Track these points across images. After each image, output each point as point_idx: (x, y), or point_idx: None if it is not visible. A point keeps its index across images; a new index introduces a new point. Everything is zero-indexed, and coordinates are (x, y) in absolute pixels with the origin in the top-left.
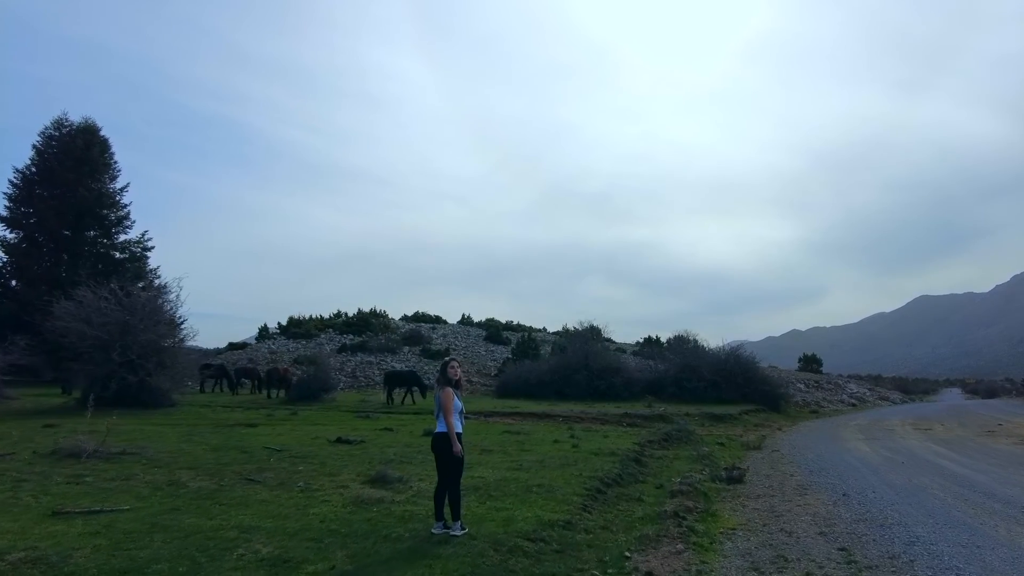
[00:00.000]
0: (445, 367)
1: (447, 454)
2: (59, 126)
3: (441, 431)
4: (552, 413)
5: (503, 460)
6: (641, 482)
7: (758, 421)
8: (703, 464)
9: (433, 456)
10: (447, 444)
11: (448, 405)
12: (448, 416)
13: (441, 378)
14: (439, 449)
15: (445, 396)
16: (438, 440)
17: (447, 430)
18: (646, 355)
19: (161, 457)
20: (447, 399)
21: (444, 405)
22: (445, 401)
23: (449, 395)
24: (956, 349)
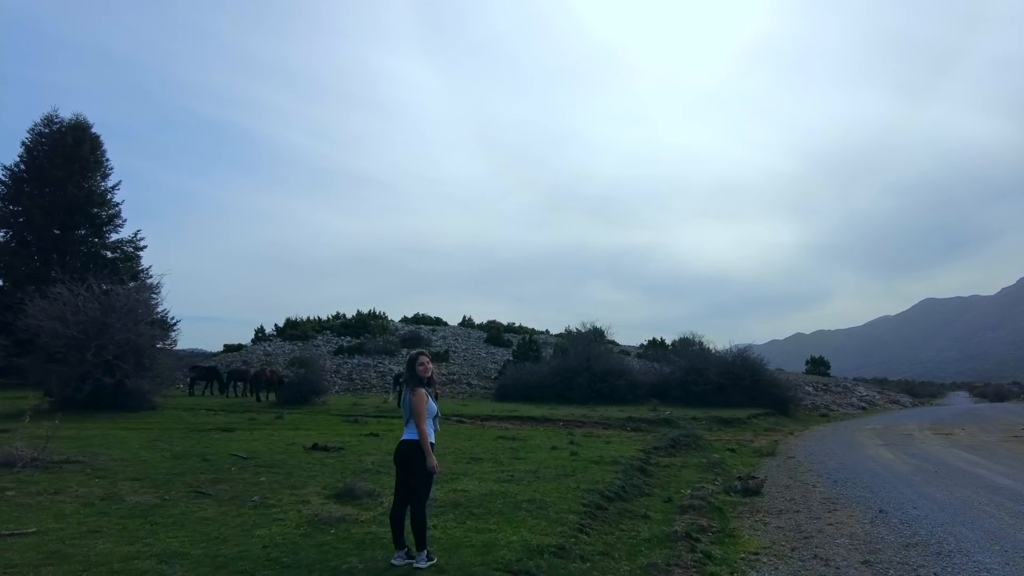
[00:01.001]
0: (414, 363)
1: (414, 467)
2: (49, 123)
3: (410, 439)
4: (552, 417)
5: (493, 470)
6: (647, 495)
7: (768, 425)
8: (714, 473)
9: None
10: (416, 455)
11: (420, 409)
12: (420, 422)
13: (409, 376)
14: (405, 460)
15: (417, 399)
16: (404, 450)
17: (418, 438)
18: (650, 357)
19: (109, 466)
20: (419, 402)
21: (415, 409)
22: (416, 404)
23: (421, 397)
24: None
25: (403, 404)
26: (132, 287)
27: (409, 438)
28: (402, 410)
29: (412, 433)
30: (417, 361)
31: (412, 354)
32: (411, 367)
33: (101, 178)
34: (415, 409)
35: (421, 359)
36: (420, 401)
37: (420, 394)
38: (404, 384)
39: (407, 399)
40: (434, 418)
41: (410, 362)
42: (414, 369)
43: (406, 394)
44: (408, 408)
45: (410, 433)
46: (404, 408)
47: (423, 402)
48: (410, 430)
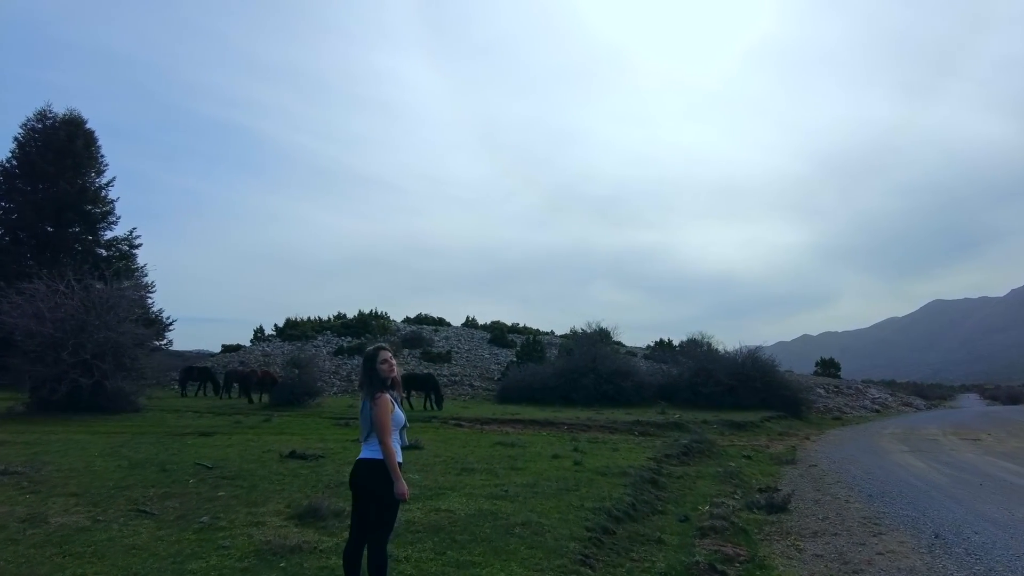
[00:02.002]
0: (373, 361)
1: (376, 493)
2: (42, 118)
3: (370, 458)
4: (556, 421)
5: (485, 483)
6: (660, 512)
7: (782, 429)
8: (732, 485)
9: (352, 495)
10: (378, 478)
11: (385, 420)
12: (385, 436)
13: (369, 379)
14: (363, 485)
15: (380, 407)
16: (363, 472)
17: (384, 456)
18: (657, 359)
19: (51, 478)
20: (383, 411)
21: (379, 420)
22: (380, 415)
23: (385, 405)
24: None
25: (361, 415)
26: (112, 284)
27: (369, 457)
28: (360, 422)
29: (373, 450)
30: (378, 359)
31: (370, 350)
32: (370, 366)
33: (95, 175)
34: (378, 421)
35: (383, 355)
36: (384, 410)
37: (384, 401)
38: (361, 389)
39: (366, 409)
40: (401, 430)
41: (368, 360)
42: (374, 368)
43: (364, 403)
44: (368, 420)
45: (370, 451)
46: (363, 420)
47: (388, 411)
48: (370, 447)
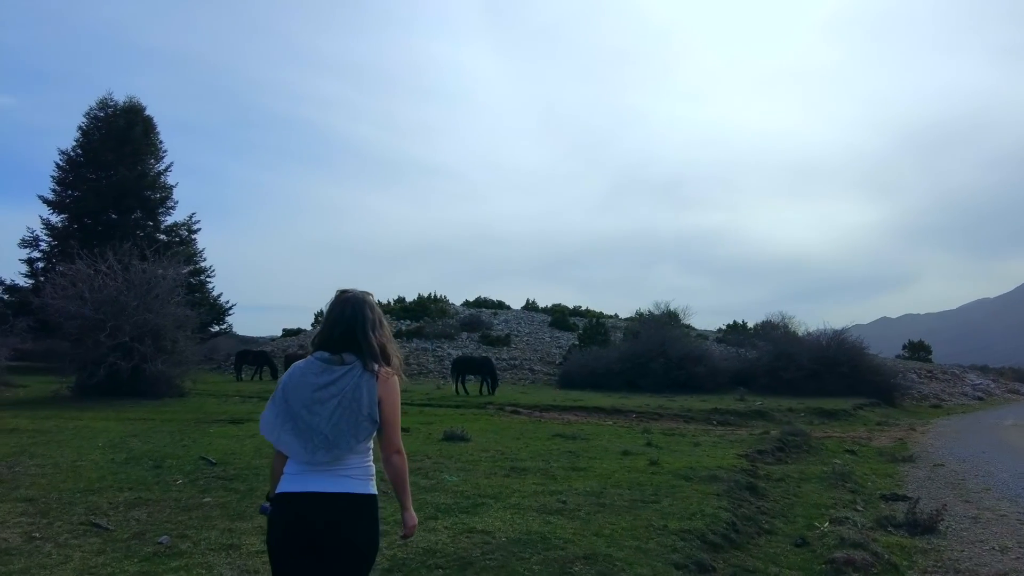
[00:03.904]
0: (365, 308)
1: (357, 549)
2: (104, 106)
3: (352, 492)
4: (622, 408)
5: (538, 490)
6: (766, 531)
7: (878, 418)
8: (847, 490)
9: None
10: (365, 524)
11: (398, 412)
12: (399, 440)
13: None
14: (334, 539)
15: (396, 389)
16: (336, 514)
17: (394, 481)
18: (731, 342)
19: (19, 477)
20: (397, 396)
21: (394, 413)
22: (396, 400)
23: (392, 383)
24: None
25: (343, 406)
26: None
27: (349, 491)
28: (313, 418)
29: (356, 475)
30: (365, 303)
31: (358, 292)
32: (362, 317)
33: (154, 161)
34: (394, 414)
35: (371, 300)
36: (398, 396)
37: (397, 382)
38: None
39: (353, 388)
40: (372, 426)
41: (358, 305)
42: (374, 321)
43: (351, 380)
44: (358, 414)
45: (349, 475)
46: (332, 413)
47: (396, 392)
48: (352, 468)
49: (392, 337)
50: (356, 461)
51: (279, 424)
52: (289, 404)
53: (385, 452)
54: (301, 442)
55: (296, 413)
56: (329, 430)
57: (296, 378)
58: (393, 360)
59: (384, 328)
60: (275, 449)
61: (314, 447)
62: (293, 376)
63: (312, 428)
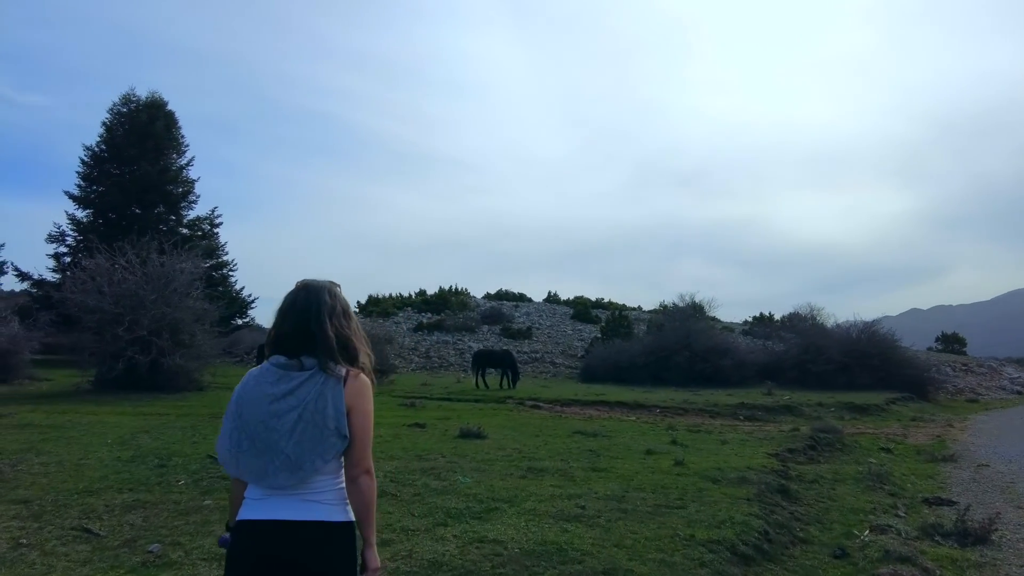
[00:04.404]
0: (324, 297)
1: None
2: (127, 102)
3: (321, 520)
4: (646, 403)
5: (556, 493)
6: (801, 540)
7: (913, 414)
8: (886, 492)
9: None
10: (340, 558)
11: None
12: (369, 457)
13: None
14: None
15: (368, 393)
16: (302, 546)
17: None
18: (757, 335)
19: (21, 475)
20: (362, 398)
21: (366, 423)
22: (369, 408)
23: (362, 388)
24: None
25: (305, 420)
26: (171, 256)
27: (318, 519)
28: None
29: (325, 502)
30: (328, 293)
31: (322, 281)
32: (311, 306)
33: (176, 155)
34: (366, 425)
35: (335, 290)
36: (370, 402)
37: (370, 385)
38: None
39: (325, 399)
40: (337, 440)
41: (317, 294)
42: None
43: (313, 388)
44: (328, 427)
45: (316, 502)
46: (307, 429)
47: (367, 396)
48: (319, 493)
49: (362, 332)
50: (327, 483)
51: (234, 445)
52: (244, 420)
53: (351, 472)
54: (260, 464)
55: (252, 430)
56: (290, 449)
57: (250, 388)
58: (362, 359)
59: (351, 321)
60: None
61: (275, 469)
62: (247, 386)
63: (271, 447)
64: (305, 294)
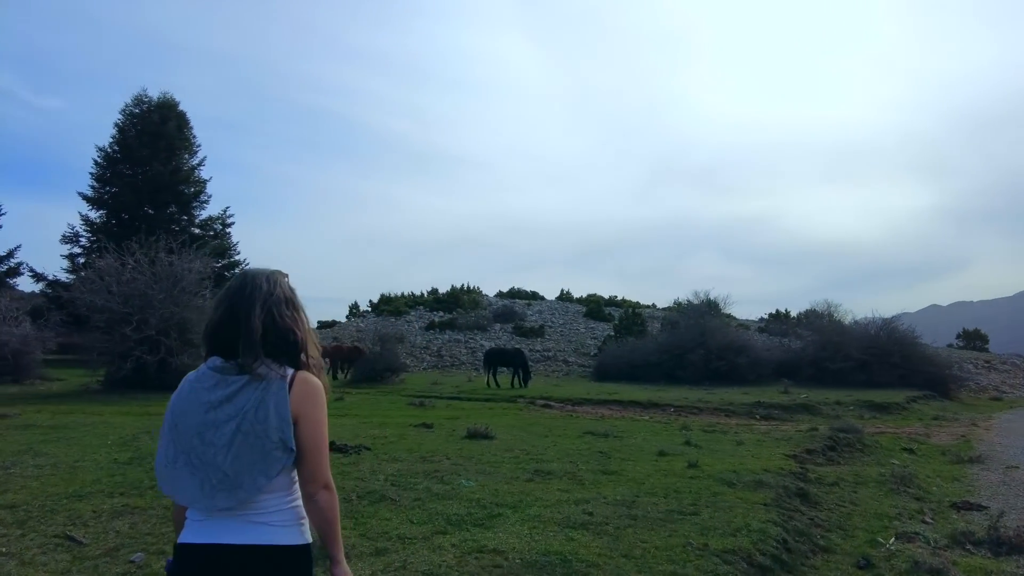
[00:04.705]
0: (255, 278)
1: None
2: (139, 102)
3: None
4: (659, 402)
5: (563, 498)
6: (822, 549)
7: (934, 412)
8: (910, 496)
9: None
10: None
11: (324, 431)
12: (327, 469)
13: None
14: None
15: (319, 396)
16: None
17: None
18: (773, 332)
19: (20, 479)
20: (322, 409)
21: (319, 432)
22: (322, 416)
23: (324, 395)
24: None
25: (244, 431)
26: (180, 256)
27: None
28: (213, 455)
29: (272, 524)
30: (276, 285)
31: (268, 272)
32: (243, 293)
33: (188, 155)
34: (318, 434)
35: (283, 280)
36: (324, 408)
37: (322, 388)
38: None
39: (267, 407)
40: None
41: (254, 285)
42: (252, 304)
43: (253, 394)
44: (271, 439)
45: (262, 525)
46: (246, 442)
47: (319, 401)
48: (267, 512)
49: (310, 327)
50: (277, 502)
51: (169, 461)
52: (179, 432)
53: (307, 488)
54: (196, 482)
55: (188, 444)
56: (228, 465)
57: (185, 396)
58: (311, 357)
59: (297, 313)
60: None
61: (211, 488)
62: (182, 393)
63: (207, 463)
64: (240, 280)
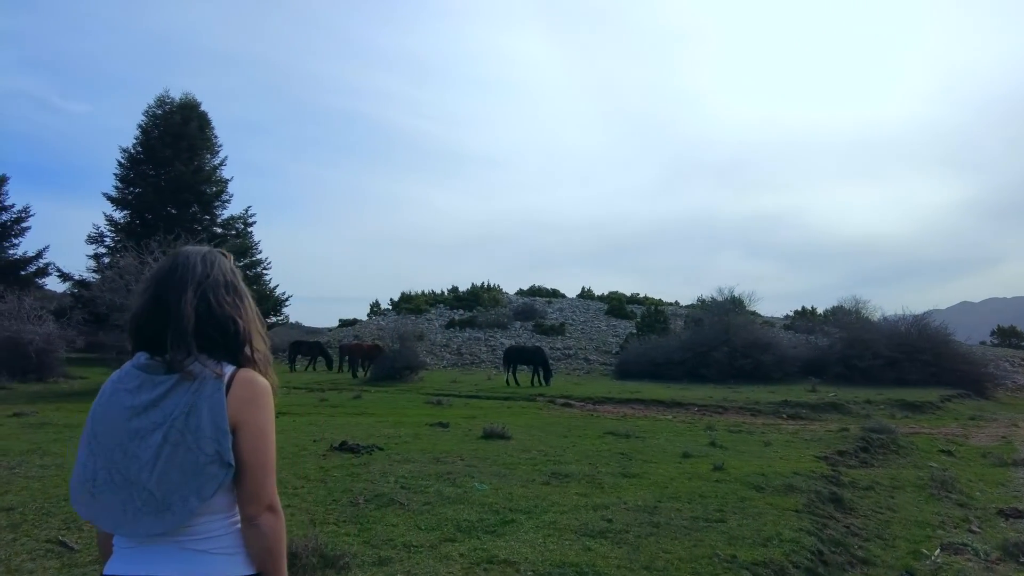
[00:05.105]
0: (190, 257)
1: None
2: (162, 104)
3: None
4: (683, 401)
5: (580, 503)
6: (862, 561)
7: (971, 412)
8: (955, 503)
9: None
10: None
11: (272, 445)
12: (272, 488)
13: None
14: None
15: (266, 400)
16: None
17: (267, 555)
18: (799, 329)
19: (23, 480)
20: (255, 409)
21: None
22: (268, 426)
23: (256, 395)
24: None
25: (173, 442)
26: None
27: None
28: (136, 471)
29: (212, 552)
30: (227, 268)
31: (208, 252)
32: (174, 273)
33: (210, 155)
34: (263, 446)
35: (212, 255)
36: (272, 416)
37: (269, 390)
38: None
39: (200, 414)
40: (220, 470)
41: (184, 257)
42: (184, 285)
43: (183, 398)
44: (205, 452)
45: (201, 553)
46: (175, 456)
47: (271, 420)
48: (205, 539)
49: (257, 316)
50: (217, 526)
51: (88, 477)
52: (100, 442)
53: (247, 510)
54: (118, 503)
55: (109, 457)
56: (154, 484)
57: (106, 399)
58: (257, 351)
59: (241, 299)
60: None
61: (135, 512)
62: (103, 395)
63: (131, 481)
64: (170, 261)
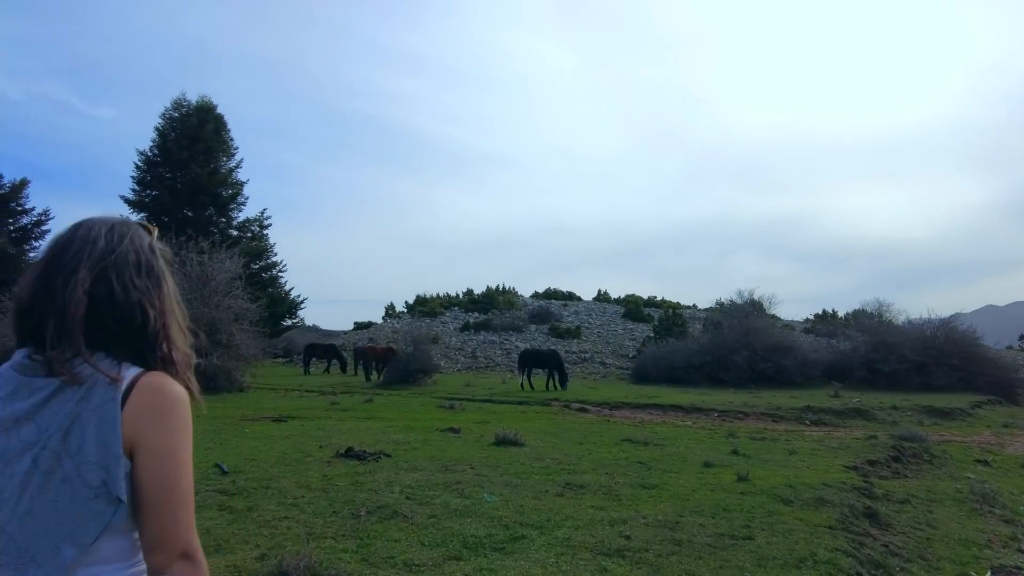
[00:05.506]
0: (94, 228)
1: None
2: (178, 106)
3: None
4: (703, 406)
5: (596, 518)
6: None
7: (1003, 419)
8: (999, 518)
9: None
10: None
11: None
12: (167, 525)
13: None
14: None
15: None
16: None
17: None
18: (820, 332)
19: None
20: (161, 426)
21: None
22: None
23: (165, 407)
24: None
25: (45, 469)
26: (210, 256)
27: None
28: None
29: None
30: (120, 237)
31: (101, 218)
32: (69, 248)
33: (226, 158)
34: (162, 478)
35: (150, 242)
36: (189, 434)
37: (173, 408)
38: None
39: (83, 431)
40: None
41: (85, 229)
42: (78, 261)
43: (63, 409)
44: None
45: None
46: (47, 487)
47: (185, 440)
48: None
49: (178, 306)
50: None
51: None
52: None
53: (154, 559)
54: None
55: None
56: (15, 526)
57: None
58: (176, 350)
59: (158, 283)
60: None
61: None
62: None
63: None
64: (68, 232)
